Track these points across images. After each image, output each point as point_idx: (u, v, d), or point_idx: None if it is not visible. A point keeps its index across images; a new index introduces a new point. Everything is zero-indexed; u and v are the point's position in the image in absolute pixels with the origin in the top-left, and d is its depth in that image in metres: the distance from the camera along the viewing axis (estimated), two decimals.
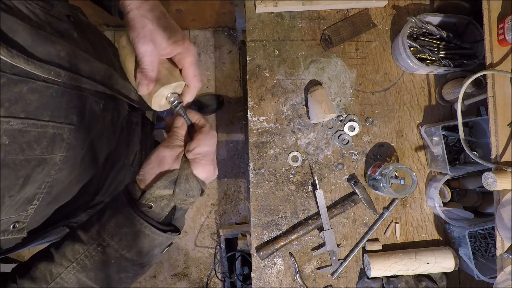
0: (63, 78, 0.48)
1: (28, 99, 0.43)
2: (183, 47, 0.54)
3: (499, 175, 0.69)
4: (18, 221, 0.49)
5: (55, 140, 0.47)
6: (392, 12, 0.99)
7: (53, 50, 0.47)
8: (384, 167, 0.86)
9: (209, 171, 0.54)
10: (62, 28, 0.52)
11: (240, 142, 2.10)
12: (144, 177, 0.52)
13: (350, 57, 0.98)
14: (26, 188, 0.46)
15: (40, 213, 0.53)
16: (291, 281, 0.93)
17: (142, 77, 0.52)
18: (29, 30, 0.44)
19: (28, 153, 0.44)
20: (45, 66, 0.45)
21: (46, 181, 0.49)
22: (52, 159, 0.48)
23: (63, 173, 0.51)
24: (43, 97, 0.45)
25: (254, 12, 0.97)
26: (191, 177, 0.52)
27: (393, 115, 0.97)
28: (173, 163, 0.52)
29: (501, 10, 0.77)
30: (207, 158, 0.54)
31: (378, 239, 0.95)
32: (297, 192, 0.95)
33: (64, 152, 0.50)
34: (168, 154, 0.52)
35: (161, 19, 0.53)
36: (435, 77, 0.98)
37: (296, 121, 0.96)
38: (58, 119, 0.47)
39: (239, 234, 1.77)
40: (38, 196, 0.49)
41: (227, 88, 2.11)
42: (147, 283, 2.06)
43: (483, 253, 0.93)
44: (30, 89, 0.43)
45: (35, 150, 0.45)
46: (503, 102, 0.75)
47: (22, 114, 0.42)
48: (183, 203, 0.53)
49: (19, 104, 0.42)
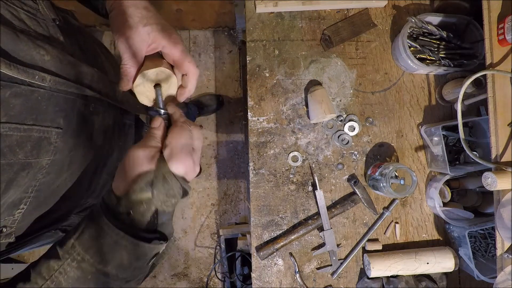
0: (49, 83, 0.47)
1: (12, 103, 0.42)
2: (166, 38, 0.53)
3: (499, 175, 0.69)
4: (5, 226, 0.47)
5: (41, 144, 0.47)
6: (392, 12, 0.99)
7: (37, 55, 0.46)
8: (384, 167, 0.86)
9: (188, 165, 0.50)
10: (47, 32, 0.52)
11: (240, 142, 2.10)
12: (118, 183, 0.48)
13: (350, 57, 0.98)
14: (9, 192, 0.45)
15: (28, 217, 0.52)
16: (291, 281, 0.93)
17: (122, 73, 0.52)
18: (12, 35, 0.43)
19: (9, 157, 0.43)
20: (29, 70, 0.44)
21: (32, 185, 0.48)
22: (38, 163, 0.47)
23: (51, 176, 0.50)
24: (28, 101, 0.44)
25: (254, 12, 0.97)
26: (168, 175, 0.48)
27: (393, 115, 0.97)
28: (148, 164, 0.47)
29: (501, 10, 0.77)
30: (184, 151, 0.49)
31: (378, 239, 0.95)
32: (297, 192, 0.95)
33: (52, 156, 0.49)
34: (141, 155, 0.48)
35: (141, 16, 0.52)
36: (435, 77, 0.98)
37: (296, 121, 0.96)
38: (44, 123, 0.46)
39: (239, 234, 1.77)
40: (25, 201, 0.48)
41: (227, 88, 2.11)
42: (147, 283, 2.06)
43: (483, 253, 0.93)
44: (14, 94, 0.42)
45: (18, 154, 0.44)
46: (503, 102, 0.75)
47: (4, 119, 0.41)
48: (164, 205, 0.48)
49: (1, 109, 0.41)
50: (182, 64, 0.55)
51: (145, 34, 0.52)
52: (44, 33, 0.51)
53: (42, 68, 0.46)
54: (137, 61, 0.52)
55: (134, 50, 0.51)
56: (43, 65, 0.47)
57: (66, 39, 0.56)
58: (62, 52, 0.51)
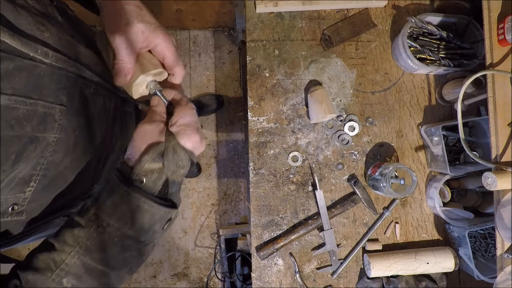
0: (51, 58, 0.48)
1: (16, 76, 0.43)
2: (159, 37, 0.55)
3: (499, 175, 0.69)
4: (17, 203, 0.48)
5: (47, 120, 0.47)
6: (392, 12, 0.99)
7: (37, 31, 0.46)
8: (384, 167, 0.86)
9: (195, 140, 0.54)
10: (46, 11, 0.52)
11: (240, 142, 2.10)
12: (131, 155, 0.52)
13: (350, 57, 0.98)
14: (19, 165, 0.45)
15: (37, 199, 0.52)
16: (291, 281, 0.93)
17: (118, 69, 0.53)
18: (12, 9, 0.43)
19: (18, 130, 0.44)
20: (32, 43, 0.44)
21: (41, 163, 0.49)
22: (45, 139, 0.48)
23: (57, 155, 0.51)
24: (31, 76, 0.45)
25: (254, 12, 0.97)
26: (178, 147, 0.52)
27: (393, 115, 0.97)
28: (157, 137, 0.52)
29: (501, 10, 0.77)
30: (191, 128, 0.54)
31: (378, 239, 0.95)
32: (297, 192, 0.95)
33: (57, 133, 0.50)
34: (150, 128, 0.52)
35: (135, 13, 0.54)
36: (435, 77, 0.98)
37: (296, 121, 0.96)
38: (47, 98, 0.47)
39: (239, 234, 1.77)
40: (34, 178, 0.49)
41: (227, 88, 2.11)
42: (147, 283, 2.06)
43: (483, 253, 0.93)
44: (17, 67, 0.43)
45: (26, 127, 0.44)
46: (503, 102, 0.75)
47: (9, 91, 0.42)
48: (174, 175, 0.53)
49: (5, 81, 0.41)
50: (169, 63, 0.58)
51: (140, 31, 0.53)
52: (42, 10, 0.51)
53: (44, 43, 0.47)
54: (133, 58, 0.54)
55: (130, 47, 0.53)
56: (45, 41, 0.47)
57: (64, 20, 0.56)
58: (61, 30, 0.52)
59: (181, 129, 0.53)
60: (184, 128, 0.53)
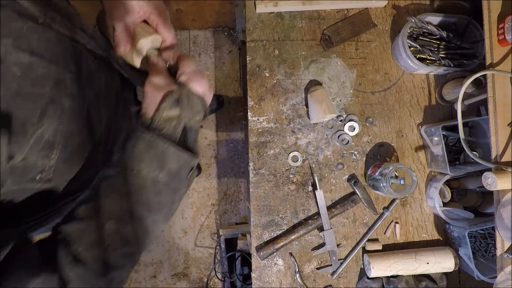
0: (58, 25, 0.49)
1: (30, 37, 0.44)
2: (152, 6, 0.58)
3: (499, 175, 0.69)
4: (43, 171, 0.50)
5: (60, 85, 0.49)
6: (392, 12, 0.99)
7: None
8: (384, 167, 0.86)
9: (205, 84, 0.57)
10: None
11: (240, 142, 2.10)
12: (147, 107, 0.53)
13: (350, 57, 0.98)
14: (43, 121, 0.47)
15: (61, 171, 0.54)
16: (291, 281, 0.93)
17: (118, 39, 0.57)
18: None
19: (39, 89, 0.45)
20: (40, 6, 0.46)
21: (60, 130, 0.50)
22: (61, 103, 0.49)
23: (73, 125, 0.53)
24: (42, 39, 0.46)
25: (254, 12, 0.97)
26: (191, 94, 0.55)
27: (393, 115, 0.97)
28: (169, 86, 0.54)
29: (501, 10, 0.77)
30: (199, 74, 0.57)
31: (378, 239, 0.95)
32: (297, 192, 0.95)
33: (70, 100, 0.51)
34: (159, 80, 0.54)
35: None
36: (435, 77, 0.98)
37: (296, 121, 0.96)
38: (58, 63, 0.49)
39: (239, 234, 1.77)
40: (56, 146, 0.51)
41: (227, 88, 2.11)
42: (147, 283, 2.06)
43: (483, 253, 0.93)
44: (30, 29, 0.44)
45: (45, 87, 0.46)
46: (503, 102, 0.75)
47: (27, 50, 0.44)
48: (192, 121, 0.55)
49: (23, 40, 0.43)
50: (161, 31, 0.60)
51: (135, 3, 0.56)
52: None
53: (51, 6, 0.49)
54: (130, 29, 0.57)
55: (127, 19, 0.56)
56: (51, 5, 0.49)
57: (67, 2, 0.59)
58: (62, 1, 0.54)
59: (190, 76, 0.56)
60: (193, 75, 0.56)
